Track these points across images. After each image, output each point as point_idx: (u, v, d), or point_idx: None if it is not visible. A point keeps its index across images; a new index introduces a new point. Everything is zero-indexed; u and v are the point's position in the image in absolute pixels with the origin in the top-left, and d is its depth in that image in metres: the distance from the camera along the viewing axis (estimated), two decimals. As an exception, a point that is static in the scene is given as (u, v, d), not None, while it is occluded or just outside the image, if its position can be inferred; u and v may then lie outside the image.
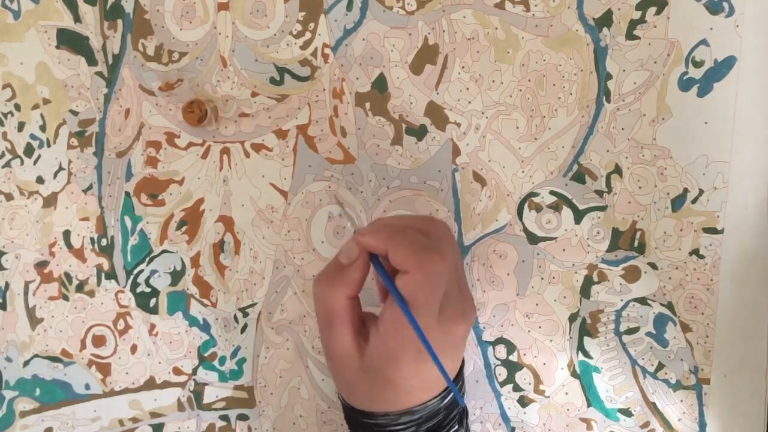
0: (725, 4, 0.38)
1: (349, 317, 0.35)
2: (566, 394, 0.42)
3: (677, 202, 0.40)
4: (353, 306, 0.36)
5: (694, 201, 0.40)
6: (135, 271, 0.46)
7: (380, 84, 0.42)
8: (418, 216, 0.41)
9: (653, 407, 0.41)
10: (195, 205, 0.45)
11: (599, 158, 0.41)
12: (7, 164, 0.46)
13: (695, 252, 0.40)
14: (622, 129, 0.40)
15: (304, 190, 0.44)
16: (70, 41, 0.45)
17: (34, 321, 0.46)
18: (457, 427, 0.37)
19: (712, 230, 0.40)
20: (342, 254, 0.36)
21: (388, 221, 0.37)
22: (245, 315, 0.45)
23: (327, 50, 0.43)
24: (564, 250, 0.42)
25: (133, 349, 0.46)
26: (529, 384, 0.43)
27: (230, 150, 0.44)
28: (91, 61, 0.45)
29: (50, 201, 0.46)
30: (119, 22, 0.44)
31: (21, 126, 0.46)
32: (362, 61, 0.42)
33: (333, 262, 0.37)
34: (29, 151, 0.46)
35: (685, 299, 0.41)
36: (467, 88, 0.42)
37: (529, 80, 0.41)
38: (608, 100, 0.40)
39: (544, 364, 0.42)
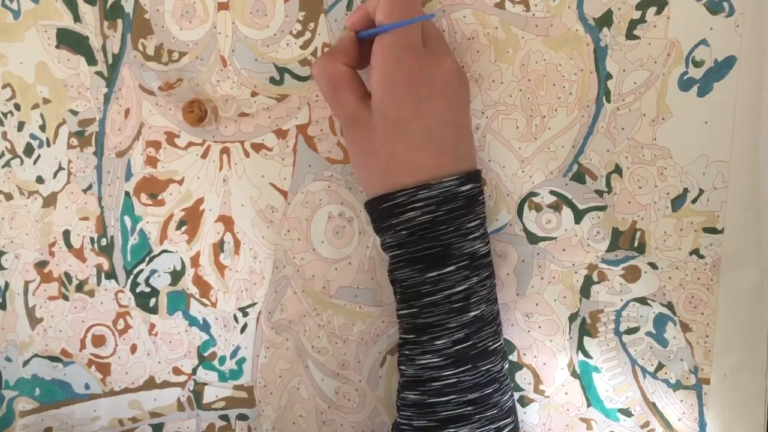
0: (725, 4, 0.38)
1: (351, 81, 0.37)
2: (566, 394, 0.42)
3: (677, 202, 0.40)
4: (352, 73, 0.37)
5: (694, 201, 0.40)
6: (135, 271, 0.46)
7: (380, 84, 0.42)
8: None
9: (653, 407, 0.41)
10: (195, 204, 0.45)
11: (599, 158, 0.41)
12: (7, 164, 0.46)
13: (695, 252, 0.40)
14: (622, 129, 0.40)
15: (304, 190, 0.44)
16: (70, 41, 0.45)
17: (33, 321, 0.46)
18: (477, 233, 0.37)
19: (712, 230, 0.40)
20: (337, 39, 0.39)
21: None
22: (245, 315, 0.45)
23: (327, 50, 0.43)
24: (564, 250, 0.42)
25: (133, 348, 0.46)
26: (529, 384, 0.43)
27: (230, 150, 0.44)
28: (91, 60, 0.45)
29: (50, 201, 0.46)
30: (119, 21, 0.44)
31: (21, 126, 0.46)
32: (362, 60, 0.42)
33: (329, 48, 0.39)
34: (29, 150, 0.46)
35: (685, 299, 0.41)
36: (467, 88, 0.42)
37: (529, 80, 0.41)
38: (608, 100, 0.40)
39: (544, 364, 0.42)
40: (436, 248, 0.36)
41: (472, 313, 0.36)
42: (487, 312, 0.37)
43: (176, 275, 0.45)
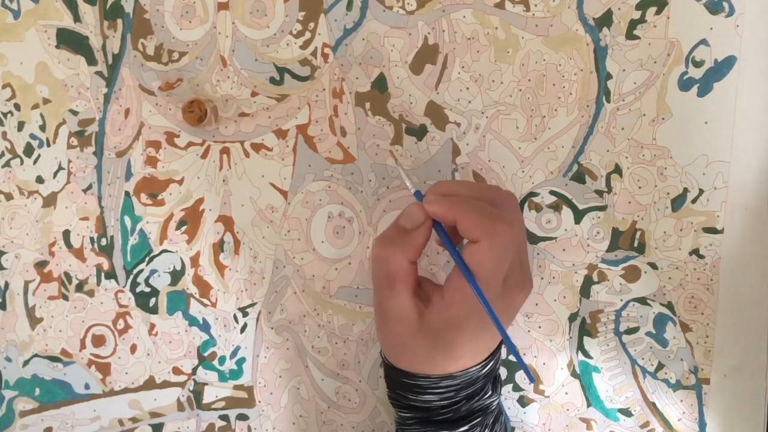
0: (725, 4, 0.38)
1: (410, 280, 0.35)
2: (566, 394, 0.42)
3: (677, 202, 0.40)
4: (413, 270, 0.36)
5: (694, 201, 0.40)
6: (135, 271, 0.46)
7: (380, 84, 0.42)
8: (485, 185, 0.41)
9: (653, 407, 0.41)
10: (195, 204, 0.45)
11: (599, 158, 0.41)
12: (7, 164, 0.46)
13: (695, 252, 0.40)
14: (622, 129, 0.40)
15: (304, 190, 0.44)
16: (70, 41, 0.45)
17: (33, 321, 0.46)
18: (490, 392, 0.38)
19: (712, 230, 0.40)
20: (405, 218, 0.36)
21: (454, 188, 0.36)
22: (245, 315, 0.45)
23: (327, 50, 0.43)
24: (564, 249, 0.42)
25: (133, 348, 0.46)
26: (529, 384, 0.43)
27: (230, 150, 0.44)
28: (91, 60, 0.45)
29: (50, 201, 0.46)
30: (119, 21, 0.44)
31: (21, 126, 0.46)
32: (362, 60, 0.42)
33: (395, 225, 0.37)
34: (29, 150, 0.46)
35: (685, 299, 0.41)
36: (467, 88, 0.42)
37: (529, 80, 0.41)
38: (608, 100, 0.40)
39: (544, 364, 0.42)
40: (448, 414, 0.36)
41: None
42: None
43: (176, 275, 0.45)
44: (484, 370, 0.36)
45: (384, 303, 0.36)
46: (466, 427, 0.36)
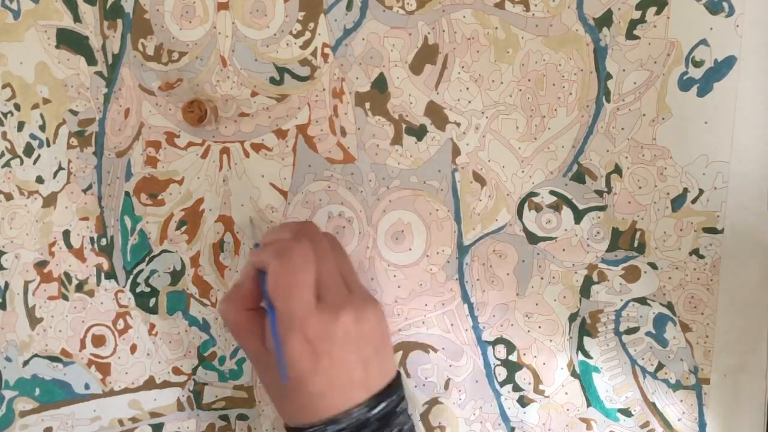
0: (725, 4, 0.38)
1: (252, 326, 0.38)
2: (566, 394, 0.42)
3: (677, 202, 0.40)
4: (254, 317, 0.38)
5: (694, 201, 0.40)
6: (135, 271, 0.46)
7: (380, 84, 0.42)
8: (297, 223, 0.41)
9: (653, 407, 0.41)
10: (195, 204, 0.45)
11: (599, 158, 0.41)
12: (7, 164, 0.46)
13: (695, 252, 0.40)
14: (622, 129, 0.40)
15: (304, 190, 0.44)
16: (70, 41, 0.45)
17: (33, 321, 0.46)
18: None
19: (712, 230, 0.40)
20: (240, 273, 0.40)
21: (273, 236, 0.39)
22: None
23: (327, 50, 0.43)
24: (564, 250, 0.42)
25: (133, 348, 0.46)
26: (529, 384, 0.43)
27: (230, 150, 0.44)
28: (91, 60, 0.45)
29: (50, 201, 0.46)
30: (119, 21, 0.44)
31: (21, 126, 0.46)
32: (362, 60, 0.42)
33: (234, 284, 0.40)
34: (29, 150, 0.46)
35: (685, 299, 0.41)
36: (467, 88, 0.42)
37: (529, 80, 0.41)
38: (608, 100, 0.40)
39: (544, 364, 0.42)
40: None
41: None
42: None
43: (176, 275, 0.45)
44: (372, 412, 0.36)
45: (244, 351, 0.39)
46: None
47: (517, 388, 0.43)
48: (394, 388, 0.38)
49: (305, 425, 0.36)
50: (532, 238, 0.42)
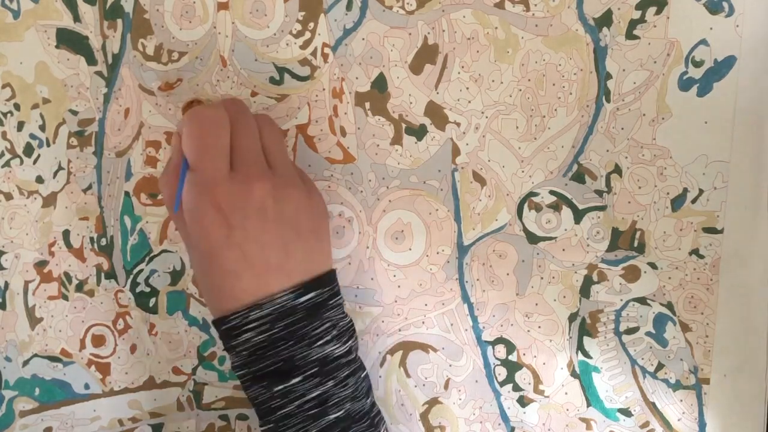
0: (725, 4, 0.38)
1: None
2: (566, 394, 0.42)
3: (677, 202, 0.40)
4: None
5: (693, 201, 0.40)
6: (134, 271, 0.46)
7: (380, 84, 0.42)
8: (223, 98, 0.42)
9: (653, 407, 0.41)
10: (194, 204, 0.45)
11: (599, 158, 0.41)
12: (7, 164, 0.46)
13: (695, 252, 0.40)
14: (622, 129, 0.40)
15: (304, 190, 0.44)
16: (70, 41, 0.45)
17: (33, 320, 0.46)
18: (331, 340, 0.36)
19: (711, 230, 0.40)
20: (169, 160, 0.40)
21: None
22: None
23: (327, 50, 0.43)
24: (564, 249, 0.42)
25: (133, 348, 0.46)
26: (529, 384, 0.43)
27: (230, 150, 0.44)
28: (91, 60, 0.45)
29: (50, 200, 0.46)
30: (119, 21, 0.44)
31: (20, 125, 0.46)
32: (362, 60, 0.42)
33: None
34: (29, 150, 0.46)
35: (684, 299, 0.41)
36: (467, 88, 0.42)
37: (529, 80, 0.41)
38: (608, 100, 0.40)
39: (544, 363, 0.42)
40: (277, 364, 0.35)
41: (333, 416, 0.36)
42: (354, 410, 0.37)
43: (176, 275, 0.45)
44: (300, 300, 0.36)
45: (179, 230, 0.40)
46: (299, 378, 0.35)
47: (516, 388, 0.43)
48: (325, 281, 0.38)
49: (227, 313, 0.36)
50: (532, 238, 0.42)
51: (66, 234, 0.46)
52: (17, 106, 0.46)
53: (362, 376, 0.39)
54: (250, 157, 0.36)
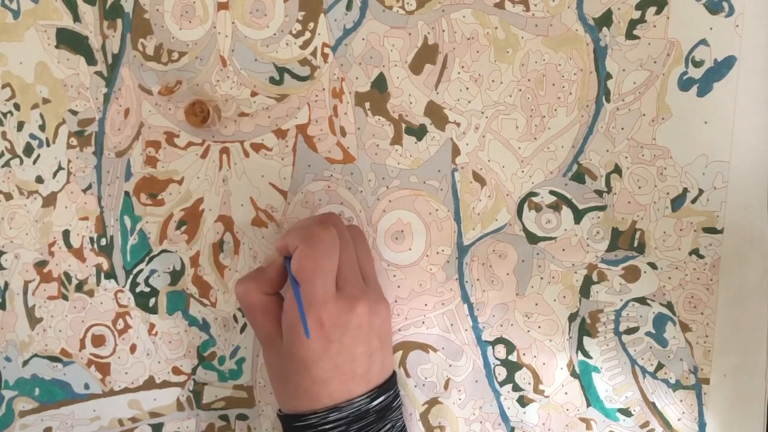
0: (725, 4, 0.38)
1: (268, 309, 0.39)
2: (566, 393, 0.42)
3: (677, 202, 0.40)
4: (272, 301, 0.39)
5: (693, 201, 0.40)
6: (134, 271, 0.46)
7: (380, 84, 0.42)
8: (322, 214, 0.43)
9: (653, 407, 0.41)
10: (194, 204, 0.45)
11: (599, 158, 0.41)
12: (7, 164, 0.46)
13: (695, 252, 0.40)
14: (622, 129, 0.40)
15: (304, 190, 0.44)
16: (70, 41, 0.45)
17: (33, 320, 0.46)
18: (396, 426, 0.39)
19: (711, 230, 0.40)
20: (264, 260, 0.41)
21: (302, 223, 0.40)
22: (245, 315, 0.45)
23: (326, 50, 0.43)
24: (564, 249, 0.42)
25: (133, 348, 0.46)
26: (529, 384, 0.43)
27: (229, 150, 0.44)
28: (91, 60, 0.45)
29: (49, 200, 0.46)
30: (119, 21, 0.44)
31: (20, 125, 0.46)
32: (362, 60, 0.42)
33: (256, 268, 0.41)
34: (28, 150, 0.46)
35: (684, 299, 0.41)
36: (467, 88, 0.42)
37: (529, 80, 0.41)
38: (608, 100, 0.40)
39: (544, 363, 0.42)
40: None
41: None
42: None
43: (176, 275, 0.45)
44: (372, 404, 0.37)
45: (255, 332, 0.40)
46: None
47: (516, 388, 0.43)
48: (391, 384, 0.40)
49: (305, 412, 0.37)
50: (532, 238, 0.42)
51: (66, 234, 0.46)
52: (17, 106, 0.46)
53: None
54: (352, 277, 0.38)
